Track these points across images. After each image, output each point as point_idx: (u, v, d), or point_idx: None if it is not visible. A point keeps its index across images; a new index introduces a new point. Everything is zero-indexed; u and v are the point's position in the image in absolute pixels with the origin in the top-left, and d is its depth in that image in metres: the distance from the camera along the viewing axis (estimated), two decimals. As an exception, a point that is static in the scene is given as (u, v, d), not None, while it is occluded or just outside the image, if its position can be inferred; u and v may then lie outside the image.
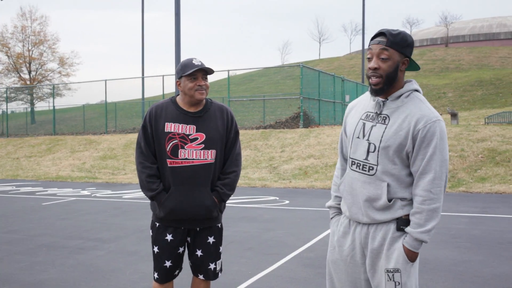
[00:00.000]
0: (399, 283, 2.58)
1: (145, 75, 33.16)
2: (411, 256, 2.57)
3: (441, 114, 23.37)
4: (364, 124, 2.70)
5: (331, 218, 2.98)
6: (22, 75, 46.23)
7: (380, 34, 2.62)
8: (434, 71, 46.15)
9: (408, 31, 72.52)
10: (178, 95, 3.48)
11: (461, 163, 13.62)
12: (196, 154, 3.31)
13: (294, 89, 35.49)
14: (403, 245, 2.57)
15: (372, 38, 2.66)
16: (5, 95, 34.45)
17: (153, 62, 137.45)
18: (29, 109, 39.52)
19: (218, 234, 3.51)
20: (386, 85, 2.61)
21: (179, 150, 3.30)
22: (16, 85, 44.81)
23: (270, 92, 41.00)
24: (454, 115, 19.52)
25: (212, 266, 3.47)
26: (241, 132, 19.86)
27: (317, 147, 16.77)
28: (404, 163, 2.60)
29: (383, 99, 2.65)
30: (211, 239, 3.45)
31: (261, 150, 17.63)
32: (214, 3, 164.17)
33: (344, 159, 2.94)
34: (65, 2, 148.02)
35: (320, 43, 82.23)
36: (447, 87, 38.07)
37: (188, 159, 3.30)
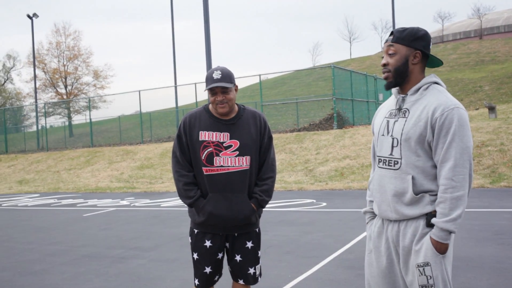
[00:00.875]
0: (430, 277, 2.56)
1: (177, 83, 33.58)
2: (440, 247, 2.54)
3: (477, 109, 22.74)
4: (388, 121, 2.76)
5: (367, 223, 3.00)
6: (58, 90, 47.38)
7: (390, 34, 2.74)
8: (469, 65, 45.24)
9: (439, 26, 70.84)
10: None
11: (501, 157, 13.31)
12: (231, 161, 3.34)
13: (326, 90, 35.36)
14: (430, 237, 2.56)
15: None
16: (43, 110, 35.34)
17: (185, 70, 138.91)
18: (66, 123, 40.41)
19: (256, 239, 3.53)
20: (395, 78, 2.71)
21: (214, 158, 3.34)
22: (53, 100, 45.93)
23: (303, 94, 40.91)
24: (491, 109, 19.07)
25: (251, 270, 3.49)
26: (275, 136, 19.87)
27: (352, 148, 16.65)
28: (428, 154, 2.61)
29: (403, 95, 2.72)
30: (249, 244, 3.47)
31: (296, 153, 17.60)
32: (242, 8, 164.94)
33: None
34: (96, 16, 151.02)
35: (350, 42, 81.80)
36: (483, 80, 37.28)
37: (224, 167, 3.33)
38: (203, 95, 26.95)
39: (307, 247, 6.90)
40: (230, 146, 3.36)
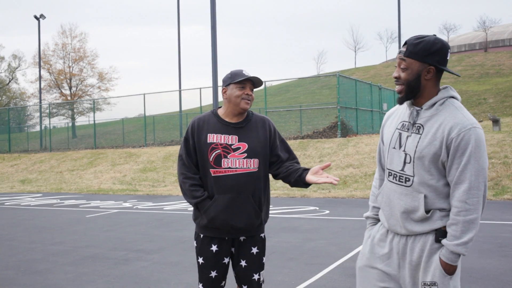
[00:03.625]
0: None
1: (182, 88, 33.64)
2: (448, 269, 2.50)
3: (481, 121, 22.67)
4: (400, 134, 2.66)
5: (367, 228, 2.97)
6: (63, 91, 47.43)
7: (405, 43, 2.60)
8: (474, 77, 45.25)
9: (445, 37, 70.73)
10: (220, 107, 3.54)
11: (505, 170, 13.30)
12: (239, 163, 3.35)
13: (330, 98, 35.37)
14: (440, 258, 2.52)
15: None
16: (47, 110, 35.42)
17: (190, 75, 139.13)
18: (70, 124, 40.47)
19: (262, 245, 3.52)
20: (408, 94, 2.61)
21: (222, 160, 3.35)
22: (57, 101, 46.00)
23: (307, 102, 40.95)
24: (495, 121, 19.09)
25: (256, 276, 3.47)
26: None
27: (355, 157, 16.66)
28: (441, 173, 2.54)
29: (418, 108, 2.62)
30: (254, 250, 3.47)
31: (300, 160, 17.59)
32: (249, 14, 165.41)
33: (382, 169, 2.91)
34: (103, 19, 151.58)
35: (355, 51, 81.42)
36: (488, 93, 37.28)
37: (232, 168, 3.34)
38: (208, 100, 27.02)
39: (310, 254, 6.90)
40: (238, 148, 3.37)
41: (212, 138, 3.39)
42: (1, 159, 27.69)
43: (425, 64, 2.54)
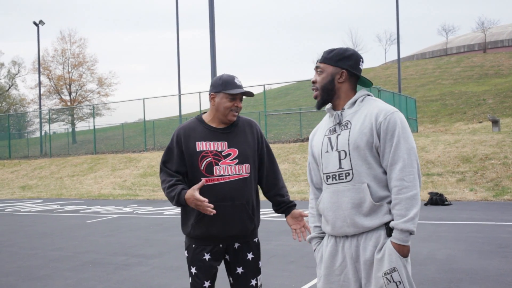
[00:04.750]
0: (400, 282, 2.50)
1: (181, 92, 33.64)
2: (402, 250, 2.51)
3: (481, 122, 22.68)
4: (329, 138, 2.75)
5: (314, 250, 2.94)
6: (63, 96, 47.43)
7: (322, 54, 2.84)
8: (473, 78, 45.22)
9: (444, 39, 70.57)
10: (204, 113, 3.49)
11: (504, 170, 13.30)
12: (231, 169, 3.31)
13: (330, 101, 35.31)
14: (392, 242, 2.52)
15: None
16: (47, 116, 35.45)
17: (189, 78, 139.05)
18: (70, 130, 40.50)
19: (256, 250, 3.49)
20: (322, 96, 2.80)
21: (214, 168, 3.29)
22: (57, 107, 46.02)
23: (306, 105, 40.90)
24: (495, 122, 19.11)
25: (253, 282, 3.44)
26: (278, 145, 19.91)
27: (355, 159, 16.64)
28: (377, 161, 2.63)
29: (340, 110, 2.77)
30: (250, 255, 3.43)
31: (299, 163, 17.61)
32: (248, 17, 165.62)
33: (316, 188, 2.93)
34: (102, 24, 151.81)
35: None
36: (487, 94, 37.24)
37: (224, 175, 3.30)
38: (207, 104, 27.00)
39: (310, 257, 6.89)
40: (229, 154, 3.32)
41: (202, 146, 3.32)
42: (1, 165, 27.70)
43: (338, 68, 2.76)
